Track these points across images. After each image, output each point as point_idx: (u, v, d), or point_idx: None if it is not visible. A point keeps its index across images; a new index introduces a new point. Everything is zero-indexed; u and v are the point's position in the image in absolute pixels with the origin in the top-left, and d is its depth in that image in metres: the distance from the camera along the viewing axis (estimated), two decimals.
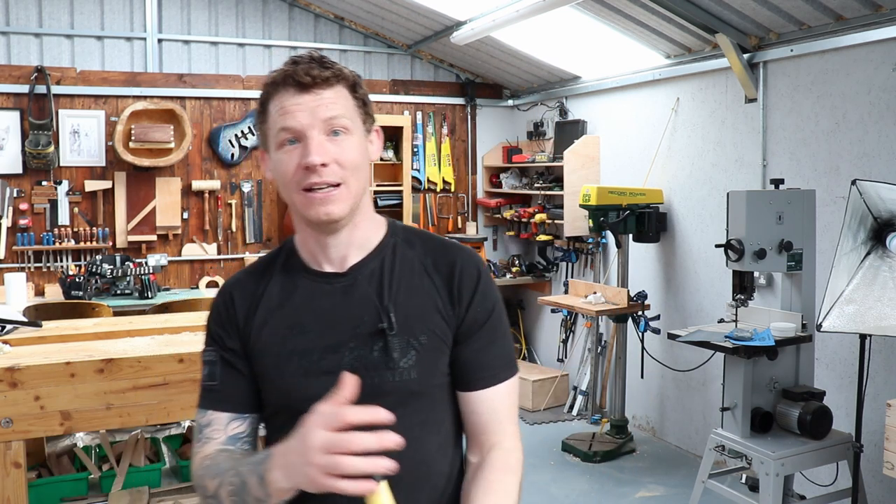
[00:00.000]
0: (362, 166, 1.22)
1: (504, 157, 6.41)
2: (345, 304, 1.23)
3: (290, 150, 1.17)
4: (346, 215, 1.20)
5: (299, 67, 1.17)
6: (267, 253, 1.37)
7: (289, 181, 1.19)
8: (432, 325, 1.23)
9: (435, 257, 1.27)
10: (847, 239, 2.87)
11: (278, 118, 1.18)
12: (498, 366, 1.26)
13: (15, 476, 2.39)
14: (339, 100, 1.19)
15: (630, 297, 4.63)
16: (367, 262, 1.26)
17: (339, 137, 1.18)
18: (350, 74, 1.22)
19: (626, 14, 4.29)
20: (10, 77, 5.19)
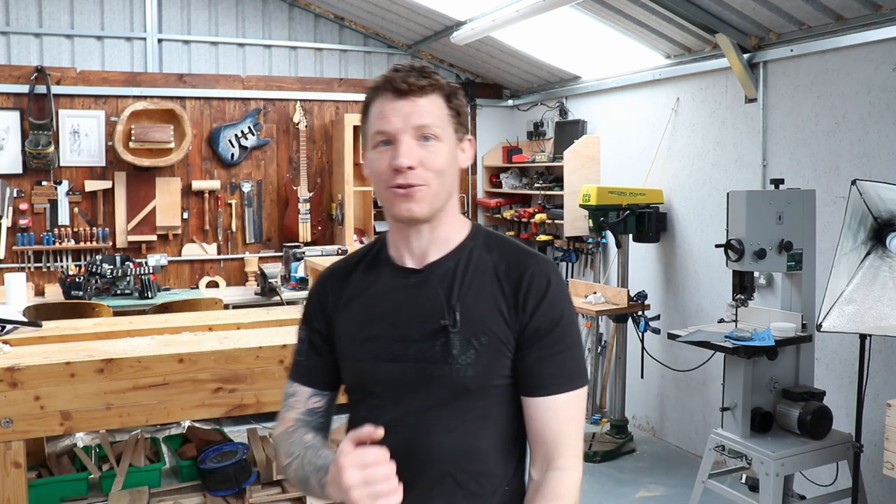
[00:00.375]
0: (449, 172, 1.29)
1: (504, 157, 6.41)
2: (416, 298, 1.31)
3: (383, 150, 1.28)
4: (427, 215, 1.28)
5: (398, 75, 1.27)
6: (364, 245, 1.50)
7: (380, 179, 1.29)
8: (494, 328, 1.27)
9: (509, 263, 1.32)
10: (847, 239, 2.87)
11: (375, 121, 1.29)
12: (560, 376, 1.28)
13: (15, 476, 2.39)
14: (433, 108, 1.27)
15: (630, 297, 4.63)
16: (443, 262, 1.33)
17: (428, 143, 1.26)
18: (446, 85, 1.31)
19: (626, 14, 4.29)
20: (10, 77, 5.19)
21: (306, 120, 5.89)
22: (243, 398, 2.67)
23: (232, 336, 2.92)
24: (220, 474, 2.92)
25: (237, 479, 2.93)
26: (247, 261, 5.78)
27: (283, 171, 5.96)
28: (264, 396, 2.70)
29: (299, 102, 5.88)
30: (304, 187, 5.87)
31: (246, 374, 2.67)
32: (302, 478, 1.30)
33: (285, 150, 5.96)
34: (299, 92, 5.91)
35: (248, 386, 2.67)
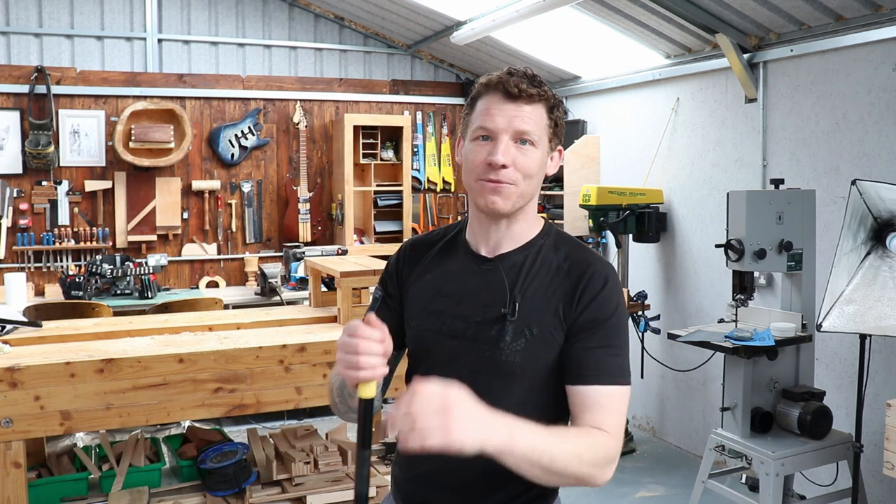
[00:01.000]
0: (536, 176, 1.39)
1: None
2: (483, 285, 1.41)
3: (481, 144, 1.36)
4: (509, 211, 1.38)
5: (512, 79, 1.36)
6: (449, 224, 1.58)
7: (472, 169, 1.38)
8: (547, 321, 1.36)
9: (572, 262, 1.40)
10: (847, 239, 2.87)
11: (480, 115, 1.37)
12: (604, 369, 1.33)
13: (15, 476, 2.39)
14: (535, 116, 1.36)
15: (630, 297, 4.63)
16: (513, 255, 1.43)
17: (524, 147, 1.36)
18: (552, 97, 1.40)
19: (626, 14, 4.29)
20: (10, 77, 5.19)
21: (306, 120, 5.89)
22: (243, 398, 2.67)
23: (232, 336, 2.92)
24: (220, 474, 2.92)
25: (237, 479, 2.93)
26: (247, 261, 5.78)
27: (283, 171, 5.96)
28: (264, 396, 2.70)
29: (299, 102, 5.89)
30: (304, 187, 5.87)
31: (246, 374, 2.67)
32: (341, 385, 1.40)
33: (285, 150, 5.96)
34: (299, 92, 5.92)
35: (248, 386, 2.67)
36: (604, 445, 1.27)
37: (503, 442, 1.13)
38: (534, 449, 1.17)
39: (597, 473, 1.26)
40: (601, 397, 1.31)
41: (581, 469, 1.23)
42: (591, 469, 1.25)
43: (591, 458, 1.24)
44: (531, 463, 1.18)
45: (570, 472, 1.22)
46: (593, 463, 1.25)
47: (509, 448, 1.14)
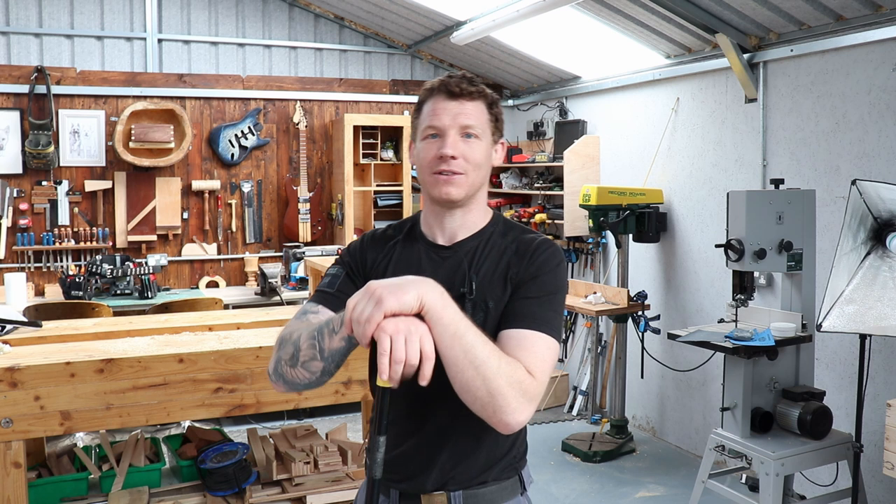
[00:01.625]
0: (483, 166, 1.53)
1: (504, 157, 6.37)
2: (444, 270, 1.53)
3: (431, 142, 1.50)
4: (462, 199, 1.51)
5: (453, 80, 1.51)
6: (400, 220, 1.69)
7: (425, 165, 1.51)
8: (500, 293, 1.48)
9: (519, 243, 1.54)
10: (847, 239, 2.87)
11: (428, 117, 1.51)
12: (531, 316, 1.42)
13: (15, 476, 2.39)
14: (476, 112, 1.51)
15: (630, 297, 4.63)
16: (468, 241, 1.56)
17: (470, 140, 1.50)
18: (490, 94, 1.54)
19: (626, 14, 4.29)
20: (10, 77, 5.19)
21: (306, 120, 5.89)
22: (243, 398, 2.67)
23: (232, 336, 2.92)
24: (220, 474, 2.92)
25: (237, 479, 2.93)
26: (247, 261, 5.78)
27: (283, 171, 5.96)
28: (264, 396, 2.70)
29: (299, 102, 5.89)
30: (304, 187, 5.87)
31: (246, 374, 2.67)
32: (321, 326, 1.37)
33: (285, 150, 5.96)
34: (299, 92, 5.92)
35: (248, 386, 2.67)
36: (523, 374, 1.30)
37: (435, 299, 1.24)
38: (460, 324, 1.25)
39: (511, 397, 1.26)
40: (524, 339, 1.38)
41: (499, 382, 1.25)
42: (510, 389, 1.26)
43: (509, 374, 1.27)
44: (454, 339, 1.24)
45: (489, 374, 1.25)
46: (512, 383, 1.27)
47: (439, 307, 1.24)
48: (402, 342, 1.17)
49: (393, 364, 1.17)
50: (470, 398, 1.28)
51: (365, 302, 1.21)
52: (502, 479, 1.53)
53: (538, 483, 4.30)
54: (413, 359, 1.18)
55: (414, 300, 1.22)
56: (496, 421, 1.28)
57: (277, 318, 3.29)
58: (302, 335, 1.40)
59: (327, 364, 1.37)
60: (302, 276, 5.39)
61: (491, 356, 1.27)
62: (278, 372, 1.43)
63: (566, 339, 5.74)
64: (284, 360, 1.42)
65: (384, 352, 1.17)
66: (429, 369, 1.21)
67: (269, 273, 5.19)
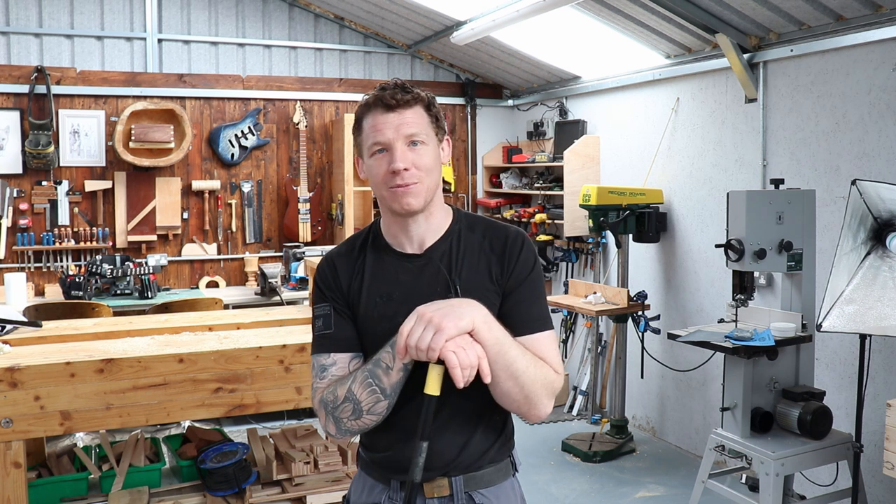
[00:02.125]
0: (435, 168, 1.54)
1: (504, 157, 6.42)
2: (422, 278, 1.54)
3: (380, 157, 1.51)
4: (422, 206, 1.52)
5: (386, 93, 1.51)
6: (356, 232, 1.68)
7: (379, 182, 1.52)
8: (486, 294, 1.52)
9: (491, 239, 1.58)
10: (847, 239, 2.87)
11: (370, 133, 1.51)
12: (532, 318, 1.53)
13: (15, 476, 2.39)
14: (417, 118, 1.52)
15: (630, 297, 4.63)
16: (439, 245, 1.57)
17: (416, 147, 1.51)
18: (426, 97, 1.55)
19: (626, 14, 4.29)
20: (10, 77, 5.19)
21: (306, 120, 5.89)
22: (243, 398, 2.67)
23: (232, 336, 2.92)
24: (220, 474, 2.92)
25: (237, 479, 2.93)
26: (247, 261, 5.78)
27: (283, 171, 5.96)
28: (264, 396, 2.70)
29: (299, 102, 5.89)
30: (304, 187, 5.87)
31: (246, 374, 2.67)
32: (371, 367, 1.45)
33: (285, 150, 5.96)
34: (299, 92, 5.92)
35: (248, 386, 2.67)
36: (553, 375, 1.49)
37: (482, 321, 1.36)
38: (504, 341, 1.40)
39: (543, 396, 1.46)
40: (537, 343, 1.51)
41: (535, 386, 1.43)
42: (541, 389, 1.45)
43: (542, 378, 1.45)
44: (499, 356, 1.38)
45: (527, 382, 1.42)
46: (545, 385, 1.45)
47: (485, 328, 1.36)
48: (463, 353, 1.32)
49: (465, 370, 1.31)
50: (507, 401, 1.45)
51: (421, 330, 1.32)
52: (497, 461, 1.60)
53: (538, 483, 4.30)
54: (475, 362, 1.33)
55: (468, 325, 1.34)
56: (528, 415, 1.47)
57: (277, 318, 3.29)
58: (353, 389, 1.46)
59: (391, 399, 1.45)
60: (302, 276, 5.39)
61: (529, 366, 1.42)
62: (343, 429, 1.49)
63: (566, 338, 5.74)
64: (346, 417, 1.47)
65: (455, 366, 1.30)
66: (486, 367, 1.35)
67: (269, 273, 5.19)
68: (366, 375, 1.44)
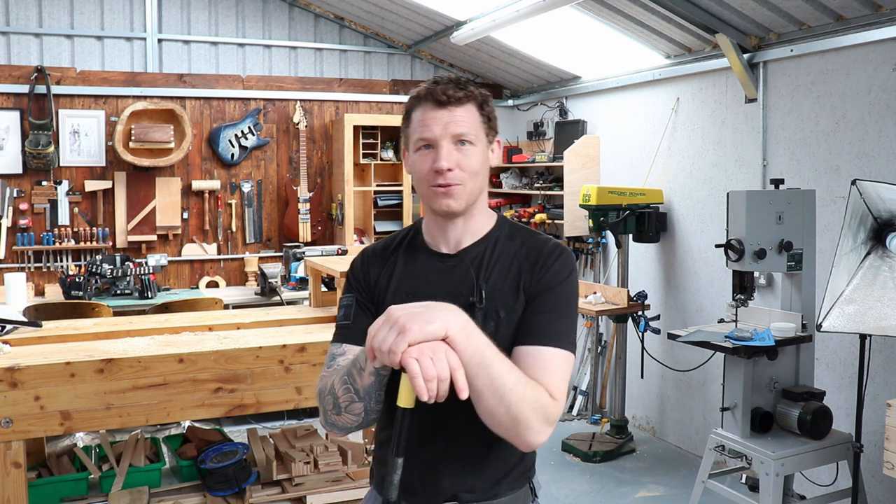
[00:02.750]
0: (481, 171, 1.49)
1: (504, 157, 6.40)
2: (451, 279, 1.49)
3: (425, 153, 1.46)
4: (463, 209, 1.47)
5: (439, 87, 1.44)
6: (400, 230, 1.64)
7: (422, 178, 1.47)
8: (512, 302, 1.44)
9: (529, 248, 1.50)
10: (847, 239, 2.87)
11: (418, 127, 1.46)
12: (547, 331, 1.40)
13: (15, 476, 2.39)
14: (468, 117, 1.45)
15: (630, 297, 4.63)
16: (474, 248, 1.51)
17: (464, 147, 1.44)
18: (479, 95, 1.48)
19: (626, 14, 4.29)
20: (10, 77, 5.19)
21: (306, 120, 5.89)
22: (243, 398, 2.67)
23: (232, 336, 2.92)
24: (220, 474, 2.92)
25: (237, 479, 2.93)
26: (247, 261, 5.78)
27: (283, 171, 5.96)
28: (264, 396, 2.70)
29: (299, 102, 5.89)
30: (304, 187, 5.87)
31: (246, 374, 2.67)
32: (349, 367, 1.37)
33: (285, 150, 5.96)
34: (299, 92, 5.92)
35: (248, 386, 2.67)
36: (547, 399, 1.31)
37: (459, 328, 1.22)
38: (486, 353, 1.24)
39: (534, 421, 1.28)
40: (543, 358, 1.37)
41: (522, 406, 1.26)
42: (531, 412, 1.27)
43: (533, 400, 1.28)
44: (480, 369, 1.23)
45: (513, 401, 1.25)
46: (535, 408, 1.28)
47: (463, 337, 1.22)
48: (429, 361, 1.17)
49: (428, 382, 1.16)
50: (493, 423, 1.29)
51: (387, 330, 1.20)
52: (515, 489, 1.51)
53: None
54: (444, 373, 1.18)
55: (439, 329, 1.20)
56: (518, 442, 1.31)
57: (277, 318, 3.29)
58: (335, 382, 1.40)
59: (366, 402, 1.36)
60: (302, 276, 5.39)
61: (517, 384, 1.27)
62: (328, 422, 1.43)
63: None
64: (329, 410, 1.41)
65: (416, 374, 1.16)
66: (462, 380, 1.20)
67: (269, 273, 5.19)
68: (345, 372, 1.38)
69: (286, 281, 5.46)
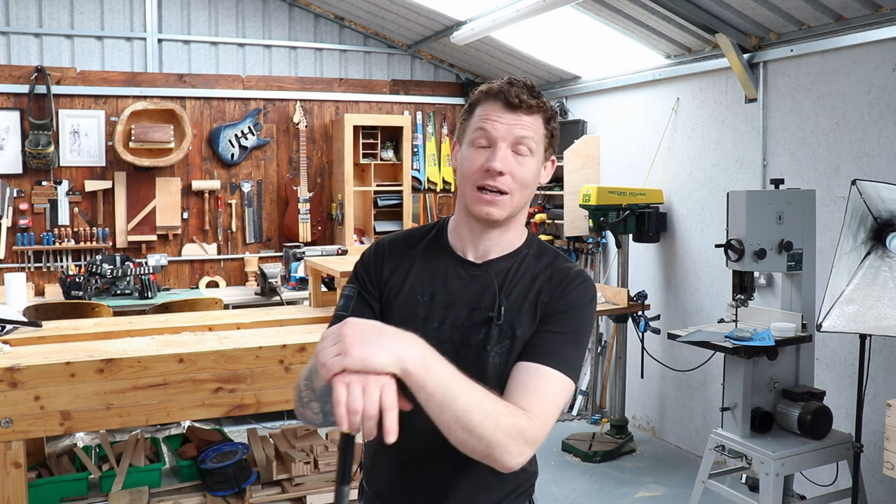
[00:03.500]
0: (531, 185, 1.41)
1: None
2: (472, 289, 1.42)
3: (480, 151, 1.37)
4: (503, 219, 1.40)
5: (513, 89, 1.37)
6: (421, 225, 1.56)
7: (469, 176, 1.38)
8: (529, 322, 1.38)
9: (553, 269, 1.44)
10: (847, 239, 2.87)
11: (479, 120, 1.38)
12: (550, 352, 1.33)
13: (15, 476, 2.39)
14: (533, 126, 1.38)
15: (630, 297, 4.63)
16: (500, 262, 1.45)
17: (521, 156, 1.37)
18: (549, 108, 1.41)
19: (626, 14, 4.29)
20: (10, 77, 5.19)
21: (306, 120, 5.89)
22: (243, 398, 2.67)
23: (232, 336, 2.92)
24: (220, 474, 2.92)
25: (237, 479, 2.93)
26: (247, 261, 5.78)
27: (283, 171, 5.96)
28: (264, 396, 2.70)
29: (299, 102, 5.89)
30: (304, 187, 5.87)
31: (246, 374, 2.67)
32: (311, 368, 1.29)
33: (285, 150, 5.96)
34: (299, 92, 5.92)
35: (248, 386, 2.67)
36: (526, 423, 1.22)
37: (416, 362, 1.12)
38: (448, 388, 1.15)
39: (510, 445, 1.19)
40: (538, 376, 1.29)
41: (497, 436, 1.18)
42: (506, 439, 1.18)
43: (510, 427, 1.19)
44: (442, 407, 1.15)
45: (485, 433, 1.17)
46: (509, 432, 1.19)
47: (421, 373, 1.12)
48: (358, 392, 1.08)
49: (350, 414, 1.07)
50: (466, 450, 1.21)
51: (331, 343, 1.12)
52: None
53: (538, 483, 4.29)
54: (371, 409, 1.07)
55: (386, 362, 1.10)
56: (496, 466, 1.23)
57: (277, 318, 3.29)
58: (302, 376, 1.34)
59: (322, 404, 1.29)
60: (302, 276, 5.39)
61: (487, 415, 1.17)
62: (299, 413, 1.38)
63: None
64: (297, 400, 1.36)
65: (339, 402, 1.07)
66: (391, 422, 1.09)
67: (269, 273, 5.19)
68: (309, 368, 1.30)
69: (286, 281, 5.46)
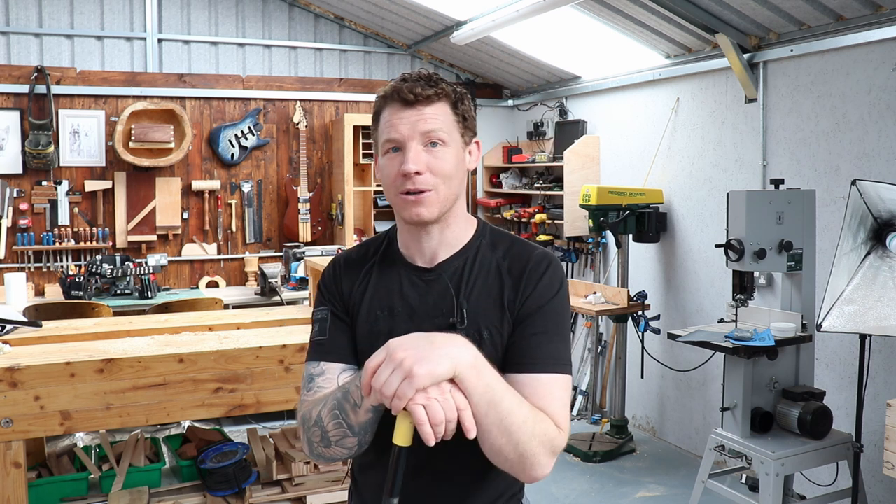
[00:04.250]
0: (455, 175, 1.35)
1: (504, 157, 6.41)
2: (429, 296, 1.38)
3: (393, 157, 1.33)
4: (436, 217, 1.34)
5: (406, 85, 1.32)
6: (373, 237, 1.51)
7: (389, 184, 1.35)
8: (496, 322, 1.34)
9: (512, 258, 1.39)
10: (847, 239, 2.87)
11: (385, 129, 1.34)
12: (541, 355, 1.31)
13: (15, 476, 2.39)
14: (439, 115, 1.32)
15: (630, 297, 4.63)
16: (452, 261, 1.39)
17: (435, 148, 1.32)
18: (452, 92, 1.35)
19: (626, 14, 4.29)
20: (10, 77, 5.19)
21: (306, 120, 5.89)
22: (243, 398, 2.67)
23: (232, 336, 2.92)
24: (220, 474, 2.92)
25: (237, 479, 2.93)
26: (247, 261, 5.78)
27: (283, 171, 5.96)
28: (264, 396, 2.70)
29: (299, 102, 5.89)
30: (304, 187, 5.87)
31: (246, 374, 2.67)
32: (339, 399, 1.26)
33: (285, 150, 5.96)
34: (299, 92, 5.92)
35: (248, 386, 2.67)
36: (556, 434, 1.24)
37: (469, 364, 1.14)
38: (496, 390, 1.16)
39: (541, 455, 1.21)
40: (541, 386, 1.28)
41: (532, 443, 1.20)
42: (539, 447, 1.21)
43: (541, 434, 1.21)
44: (490, 407, 1.16)
45: (523, 439, 1.19)
46: (543, 443, 1.21)
47: (474, 375, 1.14)
48: (437, 406, 1.10)
49: (436, 427, 1.10)
50: (498, 459, 1.22)
51: (389, 373, 1.10)
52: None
53: (538, 483, 4.29)
54: (452, 414, 1.11)
55: (447, 371, 1.12)
56: (522, 476, 1.24)
57: (277, 318, 3.29)
58: (323, 414, 1.28)
59: (361, 437, 1.27)
60: (302, 276, 5.39)
61: (526, 420, 1.19)
62: (316, 454, 1.33)
63: None
64: (316, 442, 1.30)
65: (423, 422, 1.09)
66: (470, 419, 1.13)
67: (269, 273, 5.19)
68: (334, 405, 1.26)
69: (286, 281, 5.46)
